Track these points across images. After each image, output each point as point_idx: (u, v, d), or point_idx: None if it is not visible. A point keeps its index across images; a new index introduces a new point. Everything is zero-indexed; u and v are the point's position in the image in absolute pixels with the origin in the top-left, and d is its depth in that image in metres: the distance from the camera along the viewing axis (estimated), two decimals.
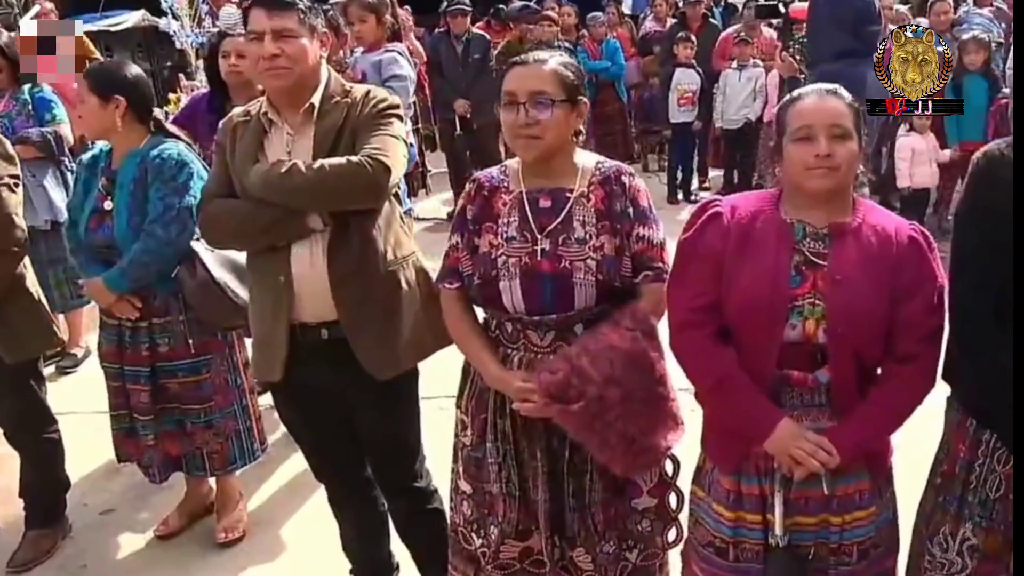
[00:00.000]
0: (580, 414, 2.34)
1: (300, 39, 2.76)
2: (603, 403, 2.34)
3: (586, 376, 2.34)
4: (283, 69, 2.75)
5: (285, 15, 2.74)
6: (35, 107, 5.48)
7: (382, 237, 2.88)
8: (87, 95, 3.46)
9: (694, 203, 9.17)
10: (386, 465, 3.09)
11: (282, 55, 2.73)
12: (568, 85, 2.50)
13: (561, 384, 2.35)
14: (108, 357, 3.66)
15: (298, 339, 2.87)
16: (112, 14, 15.92)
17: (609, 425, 2.35)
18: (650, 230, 2.53)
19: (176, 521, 3.98)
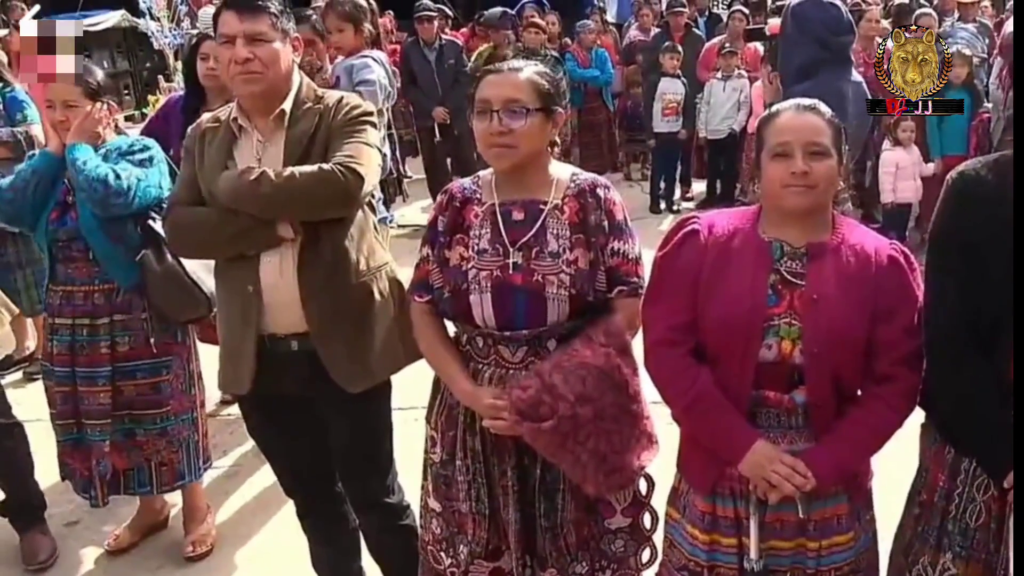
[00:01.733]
0: (551, 432, 2.30)
1: (272, 43, 2.71)
2: (575, 421, 2.30)
3: (558, 393, 2.30)
4: (255, 74, 2.70)
5: (257, 19, 2.69)
6: (6, 107, 5.43)
7: (355, 247, 2.83)
8: (79, 99, 3.41)
9: (676, 213, 9.18)
10: (356, 479, 3.03)
11: (255, 59, 2.68)
12: (543, 94, 2.46)
13: (532, 401, 2.31)
14: (58, 360, 3.57)
15: (267, 350, 2.81)
16: (91, 14, 15.79)
17: (581, 444, 2.32)
18: (625, 244, 2.49)
19: (128, 536, 3.90)
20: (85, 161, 3.31)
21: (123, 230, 3.44)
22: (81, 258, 3.50)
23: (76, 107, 3.41)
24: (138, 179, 3.37)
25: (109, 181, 3.29)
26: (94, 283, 3.52)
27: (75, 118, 3.40)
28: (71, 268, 3.53)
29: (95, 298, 3.52)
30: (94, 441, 3.57)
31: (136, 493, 3.78)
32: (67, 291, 3.55)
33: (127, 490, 3.72)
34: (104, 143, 3.49)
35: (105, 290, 3.52)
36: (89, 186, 3.29)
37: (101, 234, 3.41)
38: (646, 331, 2.42)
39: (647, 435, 2.44)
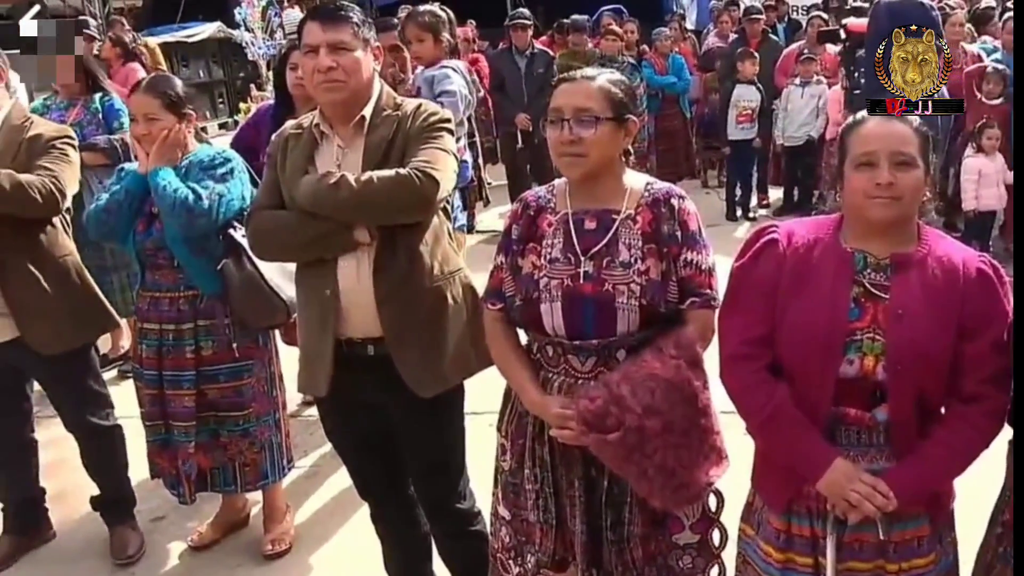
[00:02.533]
0: (617, 444, 2.21)
1: (354, 52, 2.69)
2: (642, 434, 2.20)
3: (625, 405, 2.21)
4: (338, 82, 2.69)
5: (340, 28, 2.68)
6: (105, 116, 5.51)
7: (429, 252, 2.79)
8: (160, 112, 3.41)
9: (752, 220, 8.99)
10: (428, 485, 2.99)
11: (337, 68, 2.67)
12: (615, 102, 2.38)
13: (599, 412, 2.22)
14: (147, 364, 3.59)
15: (344, 354, 2.79)
16: (188, 26, 16.16)
17: (648, 457, 2.22)
18: (699, 255, 2.39)
19: (210, 533, 3.91)
20: (166, 186, 3.32)
21: (205, 241, 3.44)
22: (167, 266, 3.52)
23: (157, 120, 3.41)
24: (220, 195, 3.37)
25: (190, 203, 3.30)
26: (179, 290, 3.53)
27: (156, 131, 3.40)
28: (158, 275, 3.55)
29: (180, 304, 3.53)
30: (180, 442, 3.58)
31: (221, 491, 3.80)
32: (154, 297, 3.57)
33: (213, 487, 3.74)
34: (187, 155, 3.50)
35: (190, 296, 3.53)
36: (172, 210, 3.31)
37: (183, 245, 3.42)
38: (721, 343, 2.31)
39: (716, 450, 2.34)
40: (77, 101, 5.49)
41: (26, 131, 3.46)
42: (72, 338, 3.61)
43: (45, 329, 3.50)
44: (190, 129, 3.55)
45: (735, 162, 9.31)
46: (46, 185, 3.34)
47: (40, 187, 3.33)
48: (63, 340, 3.56)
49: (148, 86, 3.49)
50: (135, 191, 3.43)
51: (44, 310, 3.49)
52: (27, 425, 3.83)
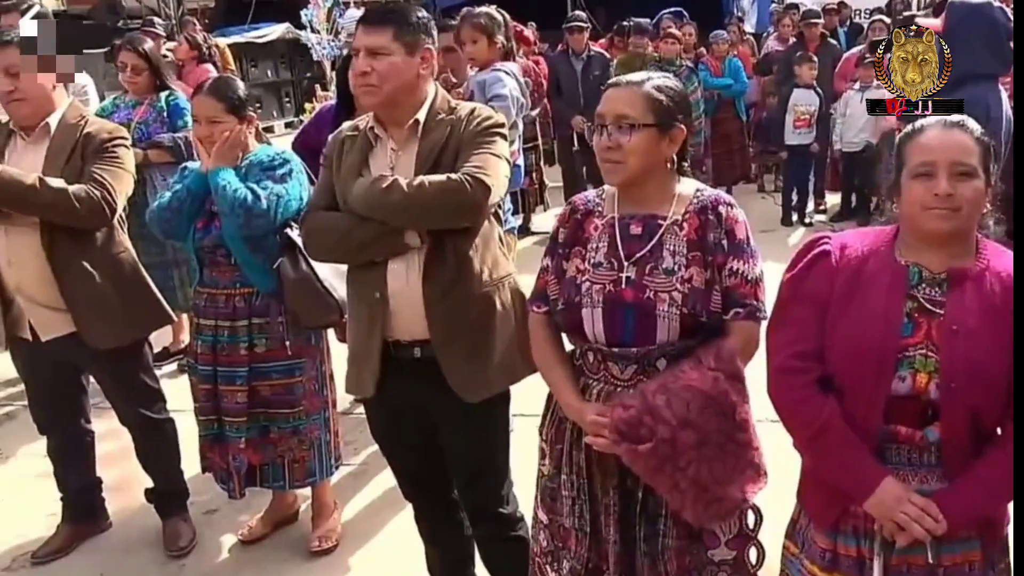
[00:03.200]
0: (648, 455, 2.14)
1: (391, 56, 2.64)
2: (674, 446, 2.13)
3: (659, 416, 2.14)
4: (371, 87, 2.65)
5: (380, 32, 2.64)
6: (170, 114, 5.54)
7: (478, 257, 2.74)
8: (222, 115, 3.42)
9: (809, 226, 8.81)
10: (471, 488, 2.94)
11: (371, 73, 2.63)
12: (660, 109, 2.31)
13: (631, 422, 2.15)
14: (202, 359, 3.59)
15: (391, 356, 2.75)
16: (258, 27, 16.34)
17: (680, 470, 2.15)
18: (745, 264, 2.30)
19: (260, 527, 3.91)
20: (226, 186, 3.31)
21: (263, 240, 3.43)
22: (224, 263, 3.52)
23: (219, 122, 3.41)
24: (278, 196, 3.36)
25: (249, 204, 3.29)
26: (235, 287, 3.53)
27: (218, 133, 3.41)
28: (215, 272, 3.55)
29: (236, 301, 3.53)
30: (231, 437, 3.58)
31: (270, 487, 3.79)
32: (211, 294, 3.57)
33: (262, 483, 3.73)
34: (247, 155, 3.50)
35: (245, 294, 3.53)
36: (231, 210, 3.30)
37: (241, 243, 3.42)
38: (770, 356, 2.22)
39: (754, 466, 2.24)
40: (144, 100, 5.53)
41: (80, 130, 3.46)
42: (126, 333, 3.62)
43: (100, 324, 3.52)
44: (251, 130, 3.54)
45: (792, 167, 9.12)
46: (94, 198, 3.34)
47: (88, 201, 3.33)
48: (117, 335, 3.58)
49: (211, 89, 3.49)
50: (196, 190, 3.43)
51: (99, 305, 3.50)
52: (83, 417, 3.85)
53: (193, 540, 3.86)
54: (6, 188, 3.23)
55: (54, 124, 3.45)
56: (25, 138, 3.47)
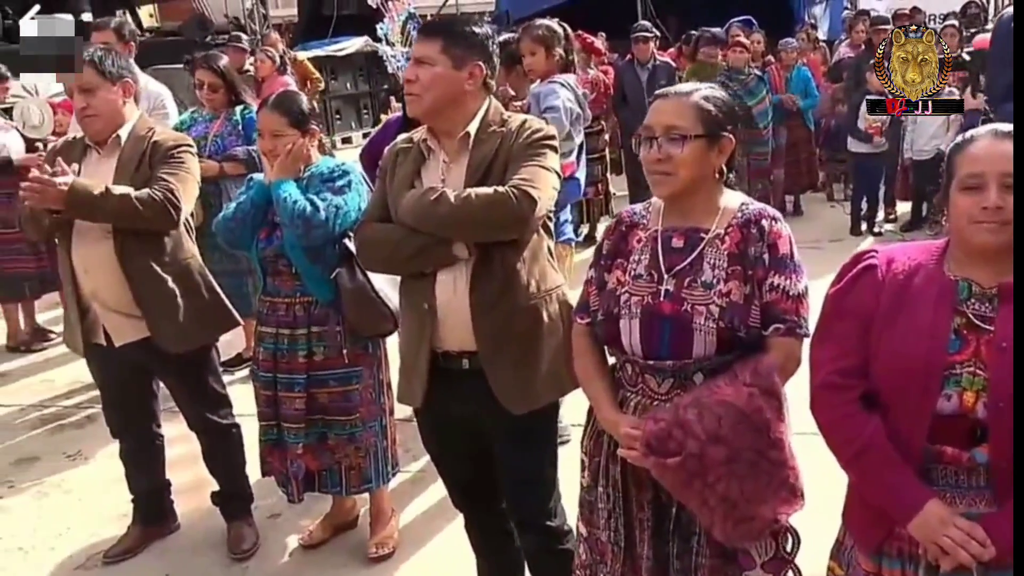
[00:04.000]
0: (676, 470, 2.08)
1: (435, 67, 2.63)
2: (703, 461, 2.07)
3: (689, 430, 2.08)
4: (413, 96, 2.65)
5: (430, 43, 2.65)
6: (244, 127, 5.60)
7: (526, 269, 2.71)
8: (285, 129, 3.45)
9: (878, 235, 8.56)
10: (519, 500, 2.90)
11: (415, 82, 2.63)
12: (709, 119, 2.25)
13: (661, 435, 2.10)
14: (263, 366, 3.63)
15: (440, 366, 2.74)
16: (338, 40, 16.53)
17: (710, 486, 2.08)
18: (787, 279, 2.22)
19: (320, 532, 3.92)
20: (287, 197, 3.34)
21: (322, 250, 3.46)
22: (286, 273, 3.55)
23: (282, 136, 3.44)
24: (336, 207, 3.37)
25: (308, 215, 3.31)
26: (295, 296, 3.55)
27: (281, 146, 3.44)
28: (277, 281, 3.59)
29: (296, 310, 3.56)
30: (290, 443, 3.60)
31: (328, 492, 3.80)
32: (272, 302, 3.61)
33: (320, 488, 3.74)
34: (309, 167, 3.52)
35: (305, 303, 3.55)
36: (291, 221, 3.33)
37: (301, 253, 3.45)
38: (812, 373, 2.14)
39: (789, 487, 2.15)
40: (220, 114, 5.62)
41: (148, 140, 3.53)
42: (196, 337, 3.68)
43: (170, 328, 3.57)
44: (313, 143, 3.56)
45: (862, 176, 8.87)
46: (157, 200, 3.39)
47: (152, 204, 3.38)
48: (188, 339, 3.63)
49: (274, 104, 3.53)
50: (259, 202, 3.47)
51: (169, 310, 3.56)
52: (154, 421, 3.91)
53: (256, 543, 3.89)
54: (77, 198, 3.31)
55: (124, 136, 3.53)
56: (99, 151, 3.55)
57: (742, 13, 11.04)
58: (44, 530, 4.19)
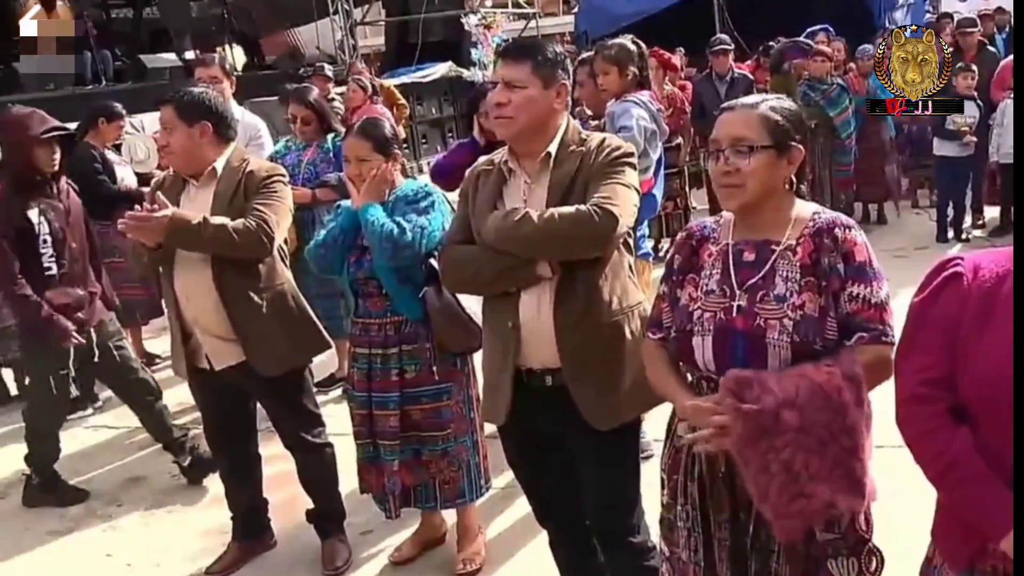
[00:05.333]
0: (750, 418, 1.99)
1: (527, 89, 2.65)
2: (777, 421, 1.98)
3: (767, 387, 2.01)
4: (506, 118, 2.66)
5: (518, 65, 2.66)
6: (335, 154, 5.69)
7: (608, 286, 2.70)
8: (370, 154, 3.49)
9: (966, 242, 8.26)
10: (603, 516, 2.87)
11: (507, 104, 2.64)
12: (776, 129, 2.20)
13: (742, 381, 2.02)
14: (358, 386, 3.66)
15: (523, 384, 2.74)
16: (424, 67, 16.75)
17: (775, 449, 1.99)
18: (867, 288, 2.14)
19: (409, 549, 3.93)
20: (374, 221, 3.39)
21: (409, 270, 3.50)
22: (376, 294, 3.59)
23: (367, 161, 3.49)
24: (422, 228, 3.40)
25: (395, 236, 3.35)
26: (386, 316, 3.59)
27: (366, 171, 3.48)
28: (368, 303, 3.63)
29: (387, 330, 3.59)
30: (386, 460, 3.63)
31: (422, 507, 3.82)
32: (365, 323, 3.65)
33: (416, 503, 3.77)
34: (393, 191, 3.56)
35: (396, 322, 3.58)
36: (380, 244, 3.37)
37: (390, 274, 3.49)
38: (898, 385, 2.04)
39: (854, 479, 2.05)
40: (312, 142, 5.73)
41: (243, 171, 3.62)
42: (290, 360, 3.74)
43: (266, 352, 3.64)
44: (396, 167, 3.60)
45: (947, 180, 8.57)
46: (253, 232, 3.47)
47: (246, 233, 3.46)
48: (282, 362, 3.69)
49: (359, 131, 3.59)
50: (347, 227, 3.53)
51: (264, 335, 3.63)
52: (251, 440, 3.99)
53: (349, 560, 3.92)
54: (176, 229, 3.41)
55: (220, 169, 3.62)
56: (195, 184, 3.64)
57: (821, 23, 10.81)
58: (150, 547, 4.30)
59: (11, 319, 6.18)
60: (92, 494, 4.87)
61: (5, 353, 6.27)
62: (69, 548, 4.37)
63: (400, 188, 3.58)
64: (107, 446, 5.57)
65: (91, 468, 5.23)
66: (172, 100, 3.55)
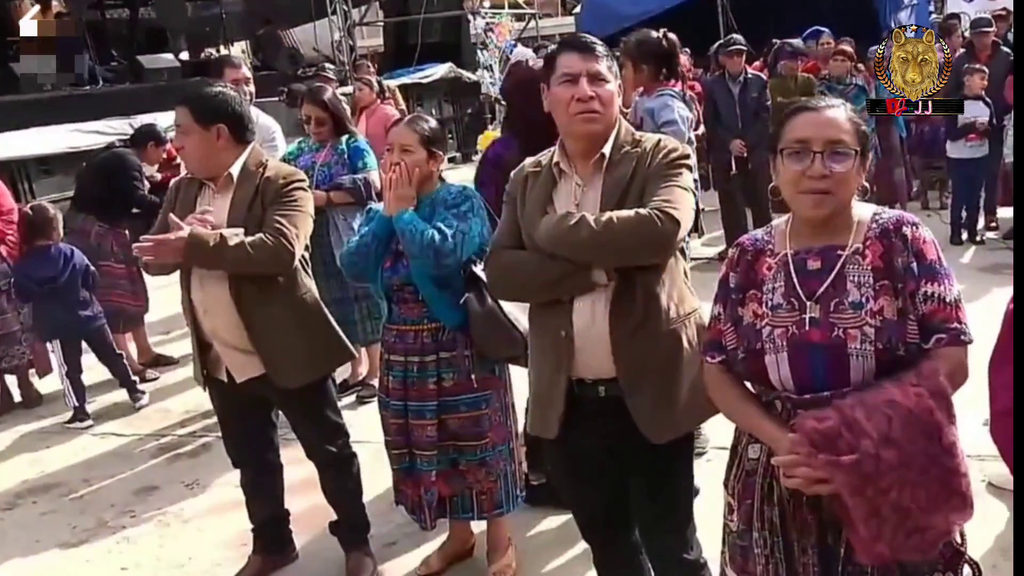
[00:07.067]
0: (851, 470, 1.86)
1: (608, 84, 2.54)
2: (878, 464, 1.85)
3: (860, 429, 1.87)
4: (595, 113, 2.53)
5: (597, 59, 2.54)
6: (350, 156, 5.57)
7: (665, 293, 2.57)
8: (416, 145, 3.37)
9: (980, 244, 8.17)
10: (656, 531, 2.73)
11: (596, 99, 2.51)
12: (861, 135, 2.10)
13: (829, 434, 1.89)
14: (393, 394, 3.51)
15: (575, 395, 2.60)
16: (423, 68, 16.66)
17: (882, 492, 1.87)
18: (941, 286, 2.02)
19: (437, 562, 3.78)
20: (412, 229, 3.25)
21: (450, 276, 3.36)
22: (412, 300, 3.44)
23: (411, 152, 3.36)
24: (463, 233, 3.27)
25: (437, 244, 3.21)
26: (423, 323, 3.44)
27: (410, 163, 3.34)
28: (403, 309, 3.48)
29: (424, 337, 3.45)
30: (423, 471, 3.49)
31: (459, 518, 3.68)
32: (400, 330, 3.50)
33: (452, 514, 3.63)
34: (431, 192, 3.43)
35: (432, 329, 3.44)
36: (421, 252, 3.23)
37: (429, 281, 3.36)
38: (993, 397, 1.94)
39: (960, 495, 1.93)
40: (326, 144, 5.58)
41: (260, 176, 3.45)
42: (312, 372, 3.59)
43: (287, 365, 3.49)
44: (435, 168, 3.46)
45: (961, 182, 8.46)
46: (272, 247, 3.32)
47: (265, 249, 3.31)
48: (304, 374, 3.55)
49: (409, 121, 3.50)
50: (381, 234, 3.39)
51: (285, 348, 3.48)
52: (273, 452, 3.84)
53: (374, 573, 3.77)
54: (194, 252, 3.27)
55: (236, 173, 3.45)
56: (212, 188, 3.49)
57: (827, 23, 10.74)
58: (167, 559, 4.15)
59: (15, 324, 6.09)
60: (104, 505, 4.72)
61: (9, 359, 6.12)
62: (82, 562, 4.20)
63: (439, 190, 3.44)
64: (115, 455, 5.39)
65: (101, 478, 5.05)
66: (188, 101, 3.38)
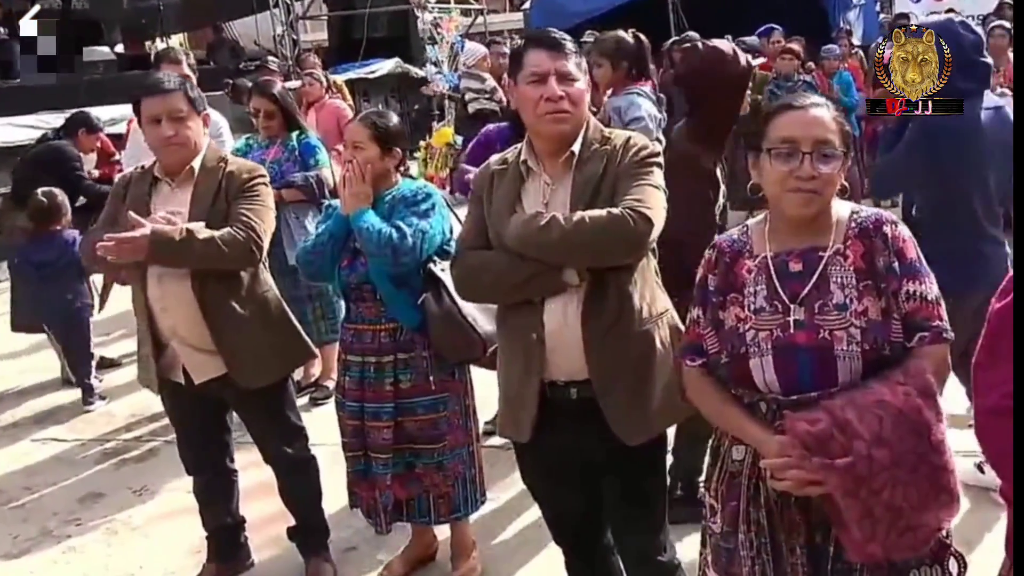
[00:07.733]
0: (844, 472, 1.88)
1: (578, 83, 2.50)
2: (871, 465, 1.88)
3: (852, 431, 1.89)
4: (565, 113, 2.49)
5: (565, 57, 2.50)
6: (301, 153, 5.50)
7: (638, 293, 2.55)
8: (367, 142, 3.32)
9: None
10: (629, 533, 2.72)
11: (565, 98, 2.47)
12: (845, 134, 2.11)
13: (821, 436, 1.90)
14: (349, 395, 3.47)
15: (547, 398, 2.57)
16: (369, 63, 16.51)
17: (875, 493, 1.89)
18: (922, 285, 2.06)
19: (398, 567, 3.72)
20: (370, 228, 3.21)
21: (408, 276, 3.33)
22: (370, 299, 3.41)
23: (362, 148, 3.32)
24: (422, 232, 3.24)
25: (395, 242, 3.18)
26: (381, 322, 3.41)
27: (359, 160, 3.30)
28: (362, 308, 3.44)
29: (381, 337, 3.41)
30: (378, 474, 3.45)
31: (416, 522, 3.64)
32: (357, 330, 3.46)
33: (408, 518, 3.59)
34: (390, 189, 3.40)
35: (391, 329, 3.40)
36: (379, 251, 3.20)
37: (387, 280, 3.32)
38: (979, 396, 1.93)
39: (948, 491, 1.97)
40: (276, 140, 5.50)
41: (222, 171, 3.39)
42: (275, 371, 3.55)
43: (249, 364, 3.43)
44: (391, 164, 3.43)
45: None
46: (242, 242, 3.26)
47: (235, 244, 3.25)
48: (267, 373, 3.49)
49: (364, 116, 3.46)
50: (337, 233, 3.35)
51: (248, 346, 3.42)
52: (228, 456, 3.76)
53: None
54: (160, 249, 3.18)
55: (197, 167, 3.38)
56: (171, 183, 3.40)
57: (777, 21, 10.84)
58: (116, 569, 4.05)
59: None
60: (47, 513, 4.58)
61: None
62: (25, 573, 4.07)
63: (398, 188, 3.41)
64: (58, 460, 5.24)
65: (43, 485, 4.91)
66: (181, 87, 3.31)
